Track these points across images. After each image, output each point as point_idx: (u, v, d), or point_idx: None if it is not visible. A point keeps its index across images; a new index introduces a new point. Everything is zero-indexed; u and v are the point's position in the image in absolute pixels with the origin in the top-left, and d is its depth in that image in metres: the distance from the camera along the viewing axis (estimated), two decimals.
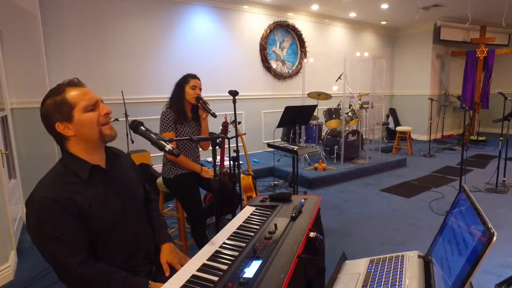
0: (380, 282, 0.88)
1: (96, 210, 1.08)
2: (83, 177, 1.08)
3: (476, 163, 5.40)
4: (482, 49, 7.03)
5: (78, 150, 1.10)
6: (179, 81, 2.29)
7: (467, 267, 0.64)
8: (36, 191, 1.03)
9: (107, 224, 1.12)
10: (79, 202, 1.05)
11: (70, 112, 1.04)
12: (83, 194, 1.07)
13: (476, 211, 0.73)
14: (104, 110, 1.09)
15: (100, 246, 1.14)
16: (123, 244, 1.19)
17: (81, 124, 1.05)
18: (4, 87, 3.06)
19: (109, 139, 1.13)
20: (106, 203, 1.12)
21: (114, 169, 1.21)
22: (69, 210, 1.03)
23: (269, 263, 1.01)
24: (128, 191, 1.24)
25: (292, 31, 6.10)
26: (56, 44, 3.91)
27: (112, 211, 1.14)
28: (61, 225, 1.02)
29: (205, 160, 4.96)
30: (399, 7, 5.99)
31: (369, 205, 3.61)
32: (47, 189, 1.03)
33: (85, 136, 1.07)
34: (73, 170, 1.08)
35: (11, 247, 2.41)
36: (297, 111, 3.48)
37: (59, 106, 1.04)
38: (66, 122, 1.04)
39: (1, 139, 2.60)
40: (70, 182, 1.06)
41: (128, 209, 1.21)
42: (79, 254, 1.04)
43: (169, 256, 1.30)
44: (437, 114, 7.49)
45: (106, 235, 1.14)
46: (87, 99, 1.06)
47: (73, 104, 1.04)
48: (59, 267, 1.06)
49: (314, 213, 1.40)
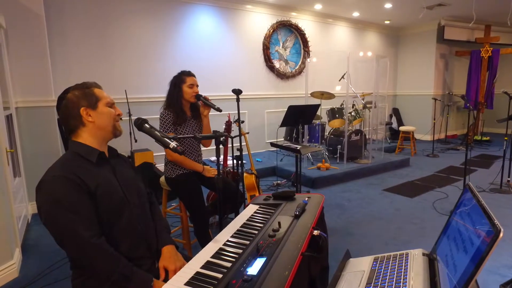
0: (384, 280, 0.88)
1: (103, 193, 1.16)
2: (92, 160, 1.19)
3: (480, 163, 5.37)
4: (487, 48, 6.99)
5: (89, 137, 1.21)
6: (175, 81, 2.22)
7: (473, 265, 0.63)
8: (47, 175, 1.12)
9: (112, 209, 1.18)
10: (88, 182, 1.13)
11: (96, 102, 1.21)
12: (92, 176, 1.16)
13: (482, 208, 0.72)
14: (118, 111, 1.29)
15: (106, 233, 1.17)
16: (127, 233, 1.22)
17: (102, 114, 1.22)
18: (9, 86, 3.08)
19: (118, 134, 1.29)
20: (110, 186, 1.21)
21: (114, 162, 1.31)
22: (80, 187, 1.11)
23: (273, 261, 1.01)
24: (129, 184, 1.30)
25: (295, 30, 6.09)
26: (60, 44, 3.93)
27: (117, 196, 1.21)
28: (74, 200, 1.09)
29: (207, 159, 4.97)
30: (403, 6, 5.97)
31: (372, 204, 3.59)
32: (58, 170, 1.12)
33: (101, 125, 1.22)
34: (82, 155, 1.19)
35: (15, 244, 2.43)
36: (301, 110, 3.48)
37: (88, 96, 1.21)
38: (90, 109, 1.20)
39: (6, 138, 2.61)
40: (79, 164, 1.16)
41: (131, 199, 1.26)
42: (91, 229, 1.10)
43: (167, 261, 1.29)
44: (441, 114, 7.45)
45: (111, 222, 1.18)
46: (109, 98, 1.27)
47: (99, 97, 1.23)
48: (74, 240, 1.09)
49: (318, 211, 1.40)
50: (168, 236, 1.40)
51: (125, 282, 1.13)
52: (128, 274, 1.13)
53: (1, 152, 2.33)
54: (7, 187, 2.38)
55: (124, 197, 1.23)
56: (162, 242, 1.35)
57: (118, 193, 1.22)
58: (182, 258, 1.34)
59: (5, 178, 2.36)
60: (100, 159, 1.21)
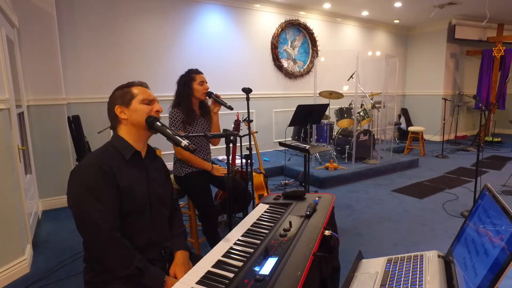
0: (399, 282, 0.86)
1: (129, 188, 1.20)
2: (126, 156, 1.23)
3: (491, 165, 5.27)
4: (499, 47, 6.86)
5: (126, 134, 1.27)
6: (184, 79, 2.20)
7: (496, 268, 0.61)
8: (83, 161, 1.19)
9: (135, 207, 1.22)
10: (118, 176, 1.18)
11: (130, 100, 1.26)
12: (122, 171, 1.20)
13: (504, 210, 0.71)
14: (156, 108, 1.30)
15: (123, 229, 1.19)
16: (143, 234, 1.23)
17: (135, 110, 1.25)
18: (21, 84, 3.12)
19: (153, 131, 1.30)
20: (138, 186, 1.24)
21: (150, 163, 1.34)
22: (110, 179, 1.16)
23: (285, 261, 1.01)
24: (156, 187, 1.32)
25: (304, 30, 6.06)
26: (71, 43, 3.97)
27: (141, 196, 1.24)
28: (103, 189, 1.14)
29: (215, 158, 4.98)
30: (413, 5, 5.89)
31: (381, 205, 3.56)
32: (95, 159, 1.18)
33: (134, 121, 1.26)
34: (119, 149, 1.24)
35: (27, 240, 2.46)
36: (309, 110, 3.45)
37: (124, 94, 1.27)
38: (123, 107, 1.25)
39: (18, 135, 2.65)
40: (114, 158, 1.21)
41: (154, 202, 1.28)
42: (113, 221, 1.15)
43: (178, 268, 1.29)
44: (451, 115, 7.35)
45: (131, 219, 1.20)
46: (146, 95, 1.29)
47: (134, 95, 1.27)
48: (94, 228, 1.11)
49: (329, 211, 1.39)
50: (184, 241, 1.40)
51: (139, 276, 1.14)
52: (142, 268, 1.15)
53: (13, 149, 2.37)
54: (19, 183, 2.41)
55: (148, 200, 1.26)
56: (177, 246, 1.36)
57: (143, 195, 1.25)
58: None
59: (17, 175, 2.39)
60: (134, 157, 1.25)
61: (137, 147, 1.27)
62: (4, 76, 2.33)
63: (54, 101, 3.42)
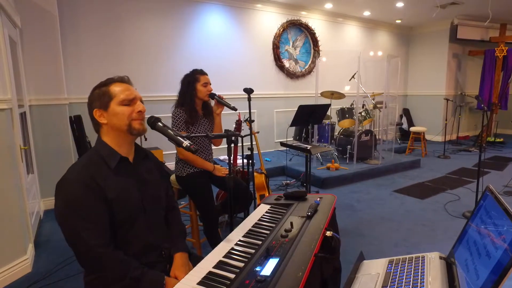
0: (400, 283, 0.86)
1: (119, 199, 1.14)
2: (111, 165, 1.15)
3: (493, 165, 5.26)
4: (502, 48, 6.84)
5: (108, 139, 1.18)
6: (188, 79, 2.20)
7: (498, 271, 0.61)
8: (68, 173, 1.11)
9: (127, 215, 1.16)
10: (105, 188, 1.11)
11: (108, 102, 1.15)
12: (109, 182, 1.13)
13: (506, 211, 0.70)
14: (139, 108, 1.19)
15: (118, 237, 1.16)
16: (140, 239, 1.21)
17: (114, 114, 1.15)
18: (23, 84, 3.13)
19: (136, 133, 1.19)
20: (128, 194, 1.18)
21: (140, 165, 1.27)
22: (96, 194, 1.09)
23: (286, 261, 1.01)
24: (149, 189, 1.27)
25: (305, 30, 6.05)
26: (73, 43, 3.98)
27: (133, 203, 1.19)
28: (88, 206, 1.08)
29: (216, 158, 4.98)
30: (415, 5, 5.88)
31: (382, 205, 3.55)
32: (78, 173, 1.10)
33: (115, 126, 1.16)
34: (104, 157, 1.16)
35: (29, 240, 2.47)
36: (311, 110, 3.45)
37: (101, 95, 1.16)
38: (102, 110, 1.15)
39: (20, 135, 2.66)
40: (99, 168, 1.14)
41: (147, 205, 1.24)
42: (102, 237, 1.09)
43: (178, 270, 1.27)
44: (453, 115, 7.33)
45: (125, 227, 1.17)
46: (126, 95, 1.16)
47: (112, 95, 1.15)
48: (81, 247, 1.08)
49: (330, 212, 1.39)
50: (183, 242, 1.38)
51: (137, 283, 1.12)
52: (139, 277, 1.12)
53: (16, 149, 2.37)
54: (21, 183, 2.42)
55: (141, 205, 1.21)
56: (176, 248, 1.33)
57: (135, 202, 1.19)
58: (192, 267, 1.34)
59: (19, 175, 2.40)
60: (121, 164, 1.18)
61: (122, 152, 1.19)
62: (7, 76, 2.34)
63: (56, 101, 3.43)
